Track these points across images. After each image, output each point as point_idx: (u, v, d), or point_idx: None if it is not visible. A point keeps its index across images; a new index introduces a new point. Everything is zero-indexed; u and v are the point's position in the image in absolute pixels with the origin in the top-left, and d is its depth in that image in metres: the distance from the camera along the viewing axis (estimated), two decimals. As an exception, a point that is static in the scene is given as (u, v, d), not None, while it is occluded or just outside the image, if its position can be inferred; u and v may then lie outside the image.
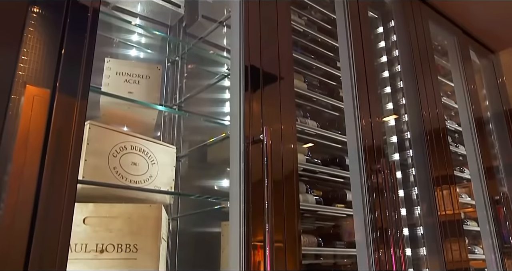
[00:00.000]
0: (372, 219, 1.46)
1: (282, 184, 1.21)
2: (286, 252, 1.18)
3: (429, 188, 1.71)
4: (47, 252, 0.81)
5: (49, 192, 0.84)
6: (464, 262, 1.70)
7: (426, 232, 1.67)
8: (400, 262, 1.44)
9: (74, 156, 0.89)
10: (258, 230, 1.14)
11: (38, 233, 0.81)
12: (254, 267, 1.14)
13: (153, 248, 1.09)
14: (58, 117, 0.88)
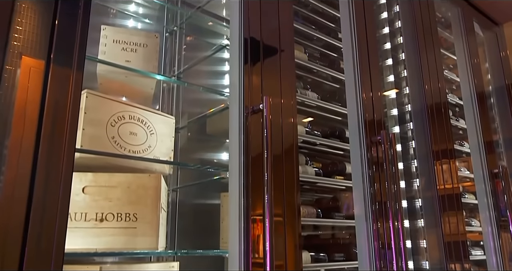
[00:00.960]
0: (371, 191, 1.46)
1: (282, 157, 1.20)
2: (286, 226, 1.19)
3: (428, 161, 1.71)
4: (46, 221, 0.81)
5: (47, 161, 0.84)
6: (461, 235, 1.71)
7: (424, 205, 1.68)
8: (398, 234, 1.46)
9: (71, 125, 0.89)
10: (257, 203, 1.15)
11: (37, 202, 0.81)
12: (254, 240, 1.15)
13: (153, 217, 1.10)
14: (54, 88, 0.87)
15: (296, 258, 1.18)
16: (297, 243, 1.19)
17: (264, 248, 1.13)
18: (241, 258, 1.15)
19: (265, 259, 1.12)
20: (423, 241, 1.60)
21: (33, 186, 0.81)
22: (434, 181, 1.68)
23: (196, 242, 1.41)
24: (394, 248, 1.43)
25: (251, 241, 1.15)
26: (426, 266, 1.57)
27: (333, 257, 1.45)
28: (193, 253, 1.15)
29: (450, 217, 1.68)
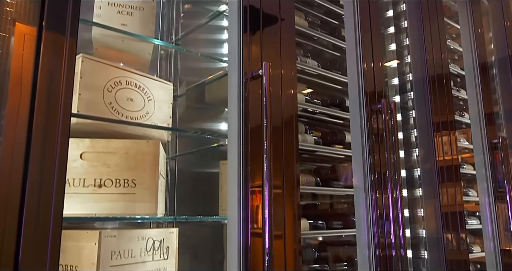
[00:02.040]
0: (370, 161, 1.46)
1: (282, 126, 1.19)
2: (285, 196, 1.19)
3: (428, 132, 1.70)
4: (44, 187, 0.81)
5: (43, 126, 0.83)
6: (459, 205, 1.72)
7: (423, 176, 1.68)
8: (397, 203, 1.46)
9: (66, 90, 0.87)
10: (256, 172, 1.14)
11: (34, 168, 0.80)
12: (253, 211, 1.15)
13: (152, 183, 1.09)
14: (47, 52, 0.85)
15: (295, 228, 1.19)
16: (296, 213, 1.19)
17: (263, 217, 1.13)
18: (240, 225, 1.15)
19: (264, 228, 1.13)
20: (421, 210, 1.61)
21: (29, 151, 0.80)
22: (433, 152, 1.68)
23: (195, 210, 1.42)
24: (392, 217, 1.44)
25: (250, 211, 1.16)
26: (422, 234, 1.59)
27: (331, 225, 1.46)
28: (192, 219, 1.16)
29: (448, 188, 1.69)
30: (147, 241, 1.10)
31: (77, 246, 1.02)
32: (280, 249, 1.15)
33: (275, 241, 1.13)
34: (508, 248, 1.94)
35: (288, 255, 1.16)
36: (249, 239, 1.15)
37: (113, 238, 1.02)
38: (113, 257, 1.02)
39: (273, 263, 1.11)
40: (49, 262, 0.80)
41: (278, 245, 1.14)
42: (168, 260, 1.15)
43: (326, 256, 1.47)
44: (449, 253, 1.61)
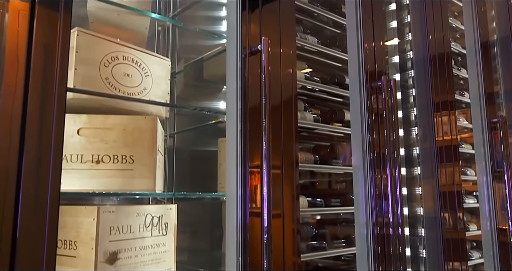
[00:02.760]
0: (369, 139, 1.45)
1: (281, 105, 1.18)
2: (284, 175, 1.19)
3: (428, 112, 1.69)
4: (41, 162, 0.80)
5: (39, 102, 0.82)
6: (457, 185, 1.73)
7: (422, 155, 1.68)
8: (395, 182, 1.47)
9: (61, 64, 0.86)
10: (255, 150, 1.14)
11: (30, 143, 0.79)
12: (251, 190, 1.15)
13: (150, 159, 1.09)
14: (41, 25, 0.84)
15: (293, 207, 1.19)
16: (294, 192, 1.19)
17: (261, 196, 1.13)
18: (238, 202, 1.15)
19: (263, 207, 1.13)
20: (419, 188, 1.61)
21: (25, 126, 0.79)
22: (433, 132, 1.67)
23: (194, 187, 1.42)
24: (390, 195, 1.45)
25: (249, 190, 1.16)
26: (420, 212, 1.60)
27: (329, 203, 1.46)
28: (191, 195, 1.16)
29: (447, 168, 1.69)
30: (145, 217, 1.10)
31: (76, 221, 1.02)
32: (279, 228, 1.15)
33: (273, 220, 1.13)
34: (504, 227, 1.95)
35: (286, 234, 1.17)
36: (247, 218, 1.15)
37: (111, 213, 1.02)
38: (111, 232, 1.02)
39: (271, 241, 1.12)
40: (47, 237, 0.80)
41: (276, 224, 1.15)
42: (167, 236, 1.15)
43: (324, 233, 1.48)
44: (446, 232, 1.62)
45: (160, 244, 1.13)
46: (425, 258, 1.55)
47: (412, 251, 1.54)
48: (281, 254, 1.15)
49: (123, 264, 1.04)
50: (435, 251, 1.60)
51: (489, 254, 1.89)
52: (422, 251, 1.55)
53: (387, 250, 1.43)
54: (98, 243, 0.99)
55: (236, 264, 1.13)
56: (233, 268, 1.13)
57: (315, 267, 1.54)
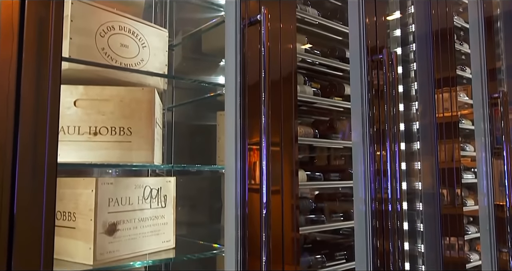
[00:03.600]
0: (369, 114, 1.44)
1: (280, 81, 1.16)
2: (283, 152, 1.18)
3: (429, 87, 1.67)
4: (37, 133, 0.79)
5: (33, 72, 0.80)
6: (456, 162, 1.73)
7: (421, 131, 1.67)
8: (395, 157, 1.46)
9: (55, 33, 0.84)
10: (254, 130, 1.13)
11: (26, 114, 0.78)
12: (250, 167, 1.15)
13: (148, 131, 1.08)
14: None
15: (292, 184, 1.19)
16: (293, 168, 1.19)
17: (260, 169, 1.13)
18: (237, 175, 1.15)
19: (262, 181, 1.13)
20: (418, 163, 1.61)
21: (20, 97, 0.78)
22: (433, 109, 1.66)
23: (193, 161, 1.41)
24: (389, 171, 1.45)
25: (248, 166, 1.15)
26: (418, 187, 1.60)
27: (328, 177, 1.46)
28: (190, 167, 1.15)
29: (446, 144, 1.68)
30: (144, 189, 1.10)
31: (74, 193, 1.02)
32: (278, 204, 1.15)
33: (272, 196, 1.13)
34: (501, 203, 1.97)
35: (285, 210, 1.17)
36: (246, 194, 1.15)
37: (110, 185, 1.02)
38: (110, 204, 1.02)
39: (270, 217, 1.12)
40: (45, 209, 0.79)
41: (275, 201, 1.15)
42: (165, 208, 1.15)
43: (323, 207, 1.49)
44: (444, 208, 1.63)
45: (159, 216, 1.13)
46: (423, 232, 1.56)
47: (409, 225, 1.55)
48: (280, 229, 1.16)
49: (122, 235, 1.04)
50: (432, 227, 1.61)
51: (486, 228, 1.91)
52: (420, 225, 1.56)
53: (385, 225, 1.44)
54: (97, 215, 0.99)
55: (235, 237, 1.14)
56: (231, 241, 1.14)
57: (313, 240, 1.55)
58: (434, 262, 1.59)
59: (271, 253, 1.11)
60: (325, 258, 1.40)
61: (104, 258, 0.99)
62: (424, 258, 1.57)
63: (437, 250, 1.61)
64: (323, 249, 1.47)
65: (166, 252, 1.14)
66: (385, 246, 1.43)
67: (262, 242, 1.11)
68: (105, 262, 0.99)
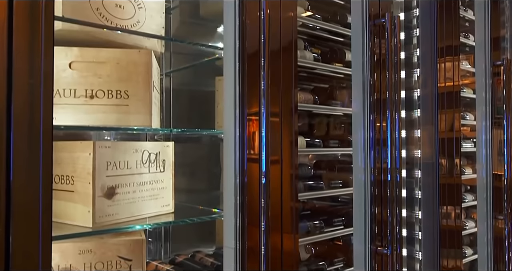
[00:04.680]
0: (370, 81, 1.42)
1: (280, 49, 1.13)
2: (282, 122, 1.16)
3: (431, 56, 1.64)
4: (31, 96, 0.77)
5: (25, 32, 0.77)
6: (456, 132, 1.72)
7: (422, 101, 1.65)
8: (395, 124, 1.45)
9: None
10: (253, 99, 1.11)
11: (19, 76, 0.76)
12: (249, 136, 1.14)
13: (145, 95, 1.06)
14: None
15: (291, 154, 1.18)
16: (293, 138, 1.18)
17: (259, 142, 1.12)
18: (236, 143, 1.14)
19: (261, 153, 1.12)
20: (418, 131, 1.60)
21: (12, 59, 0.76)
22: (435, 78, 1.63)
23: (191, 126, 1.40)
24: (389, 139, 1.44)
25: (247, 136, 1.14)
26: (418, 155, 1.60)
27: (328, 143, 1.46)
28: (188, 131, 1.14)
29: (447, 114, 1.67)
30: (142, 154, 1.09)
31: (72, 156, 1.01)
32: (277, 174, 1.15)
33: (271, 166, 1.13)
34: (500, 172, 1.97)
35: (284, 180, 1.17)
36: (245, 163, 1.15)
37: (107, 149, 1.01)
38: (108, 168, 1.02)
39: (269, 186, 1.12)
40: (42, 172, 0.78)
41: (274, 170, 1.14)
42: (164, 173, 1.15)
43: (321, 174, 1.49)
44: (442, 178, 1.64)
45: (158, 181, 1.13)
46: (420, 200, 1.57)
47: (408, 192, 1.55)
48: (278, 198, 1.16)
49: (121, 199, 1.04)
50: (430, 195, 1.62)
51: (483, 197, 1.93)
52: (418, 193, 1.57)
53: (383, 193, 1.44)
54: (95, 178, 0.98)
55: (234, 204, 1.14)
56: (231, 207, 1.14)
57: (312, 207, 1.56)
58: (431, 229, 1.61)
59: (270, 222, 1.12)
60: (323, 224, 1.41)
61: (103, 221, 1.00)
62: (421, 225, 1.58)
63: (434, 218, 1.62)
64: (322, 216, 1.48)
65: (166, 216, 1.14)
66: (383, 213, 1.44)
67: (261, 210, 1.11)
68: (104, 225, 1.00)
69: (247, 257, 1.13)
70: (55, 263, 0.98)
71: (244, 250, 1.12)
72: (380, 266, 1.43)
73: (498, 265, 1.94)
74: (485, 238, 1.92)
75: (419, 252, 1.58)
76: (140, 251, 1.05)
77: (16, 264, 0.73)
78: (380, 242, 1.43)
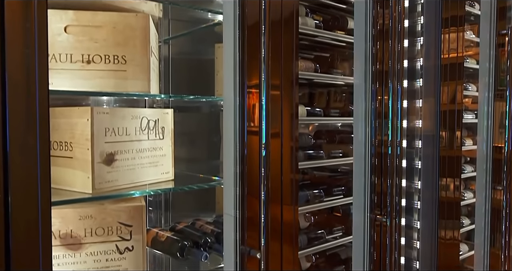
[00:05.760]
0: (373, 50, 1.39)
1: (281, 20, 1.10)
2: (283, 95, 1.14)
3: (435, 26, 1.61)
4: (25, 60, 0.75)
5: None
6: (458, 104, 1.70)
7: (425, 72, 1.62)
8: (397, 94, 1.44)
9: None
10: (253, 71, 1.09)
11: (12, 40, 0.73)
12: (249, 109, 1.12)
13: (143, 60, 1.04)
14: None
15: (292, 126, 1.16)
16: (293, 111, 1.16)
17: (260, 114, 1.10)
18: (236, 107, 1.13)
19: (261, 125, 1.11)
20: (419, 101, 1.58)
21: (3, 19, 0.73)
22: (438, 49, 1.60)
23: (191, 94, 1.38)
24: (391, 108, 1.43)
25: (247, 108, 1.12)
26: (418, 125, 1.58)
27: (328, 112, 1.44)
28: (187, 97, 1.13)
29: (450, 86, 1.64)
30: (141, 120, 1.08)
31: (70, 122, 1.00)
32: (277, 146, 1.14)
33: (271, 139, 1.12)
34: (500, 144, 1.97)
35: (284, 152, 1.16)
36: (245, 136, 1.14)
37: (105, 115, 1.00)
38: (107, 134, 1.00)
39: (269, 158, 1.11)
40: (39, 138, 0.77)
41: (274, 143, 1.13)
42: (164, 140, 1.14)
43: (321, 144, 1.48)
44: (443, 150, 1.63)
45: (157, 148, 1.12)
46: (420, 170, 1.57)
47: (407, 162, 1.55)
48: (278, 170, 1.15)
49: (120, 165, 1.03)
50: (430, 166, 1.62)
51: (482, 168, 1.93)
52: (418, 163, 1.56)
53: (384, 164, 1.44)
54: (94, 144, 0.97)
55: (234, 173, 1.14)
56: (230, 176, 1.14)
57: (312, 177, 1.56)
58: (430, 200, 1.62)
59: (270, 193, 1.12)
60: (323, 193, 1.41)
61: (103, 187, 0.99)
62: (420, 195, 1.59)
63: (433, 188, 1.63)
64: (321, 185, 1.49)
65: (165, 183, 1.14)
66: (383, 183, 1.45)
67: (261, 180, 1.11)
68: (104, 191, 0.99)
69: (247, 227, 1.13)
70: (55, 228, 0.99)
71: (244, 220, 1.13)
72: (378, 235, 1.45)
73: (494, 235, 1.96)
74: (483, 209, 1.93)
75: (417, 222, 1.59)
76: (141, 217, 1.05)
77: (16, 229, 0.73)
78: (379, 211, 1.44)
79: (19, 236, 0.73)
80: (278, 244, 1.15)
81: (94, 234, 1.01)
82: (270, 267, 1.12)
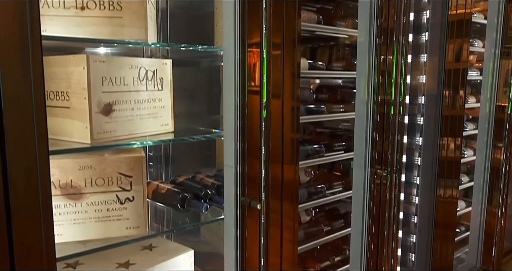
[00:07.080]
0: (377, 22, 1.34)
1: None
2: (284, 54, 1.11)
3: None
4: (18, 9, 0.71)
5: None
6: (463, 62, 1.66)
7: (430, 29, 1.57)
8: (401, 68, 1.41)
9: None
10: (254, 29, 1.05)
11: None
12: (250, 69, 1.09)
13: (140, 7, 1.00)
14: None
15: (293, 86, 1.13)
16: (295, 70, 1.13)
17: (261, 74, 1.07)
18: (236, 57, 1.10)
19: (262, 85, 1.08)
20: (424, 56, 1.55)
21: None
22: (446, 3, 1.55)
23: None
24: (394, 82, 1.40)
25: (247, 68, 1.09)
26: (422, 80, 1.56)
27: (331, 68, 1.41)
28: (186, 46, 1.09)
29: (455, 44, 1.60)
30: (139, 70, 1.05)
31: (66, 71, 0.97)
32: (278, 106, 1.12)
33: (272, 99, 1.09)
34: (504, 103, 1.95)
35: (285, 112, 1.13)
36: (245, 95, 1.11)
37: (102, 63, 0.97)
38: (104, 83, 0.98)
39: (269, 117, 1.09)
40: (33, 87, 0.74)
41: (275, 103, 1.11)
42: (162, 91, 1.12)
43: (323, 98, 1.46)
44: (446, 109, 1.61)
45: (156, 99, 1.10)
46: (422, 126, 1.56)
47: (410, 118, 1.53)
48: (279, 130, 1.14)
49: (118, 116, 1.02)
50: (431, 125, 1.60)
51: (484, 127, 1.92)
52: (420, 119, 1.55)
53: (385, 120, 1.42)
54: (91, 93, 0.95)
55: (234, 126, 1.12)
56: (231, 129, 1.12)
57: (312, 131, 1.55)
58: (430, 157, 1.61)
59: (270, 153, 1.11)
60: (323, 148, 1.41)
61: (102, 137, 0.98)
62: (420, 151, 1.58)
63: (434, 147, 1.62)
64: (322, 140, 1.48)
65: (165, 135, 1.13)
66: (384, 139, 1.44)
67: (261, 140, 1.10)
68: (102, 141, 0.98)
69: (247, 184, 1.13)
70: (55, 178, 0.98)
71: (244, 173, 1.12)
72: (378, 190, 1.46)
73: (492, 193, 1.98)
74: (482, 167, 1.94)
75: (417, 178, 1.60)
76: (140, 168, 1.04)
77: (14, 179, 0.72)
78: (380, 167, 1.43)
79: (18, 185, 0.73)
80: (278, 199, 1.16)
81: (95, 184, 1.01)
82: (270, 219, 1.13)
